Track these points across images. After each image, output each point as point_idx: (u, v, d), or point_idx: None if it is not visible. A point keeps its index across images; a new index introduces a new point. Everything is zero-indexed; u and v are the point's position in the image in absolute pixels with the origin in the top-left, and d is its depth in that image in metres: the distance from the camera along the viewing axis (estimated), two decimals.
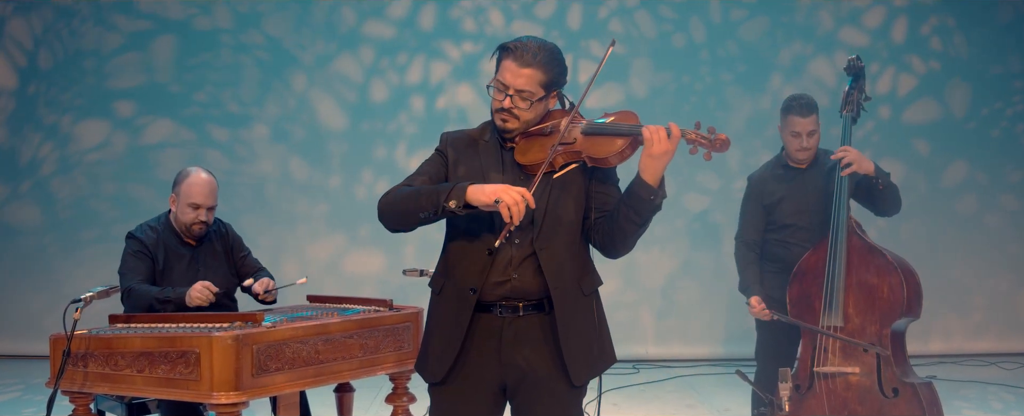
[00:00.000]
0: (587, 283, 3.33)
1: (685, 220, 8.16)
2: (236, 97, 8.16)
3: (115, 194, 8.17)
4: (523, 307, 3.24)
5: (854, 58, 4.98)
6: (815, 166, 5.01)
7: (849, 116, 4.88)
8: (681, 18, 8.16)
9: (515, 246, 3.22)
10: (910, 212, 6.12)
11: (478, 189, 3.12)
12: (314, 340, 4.17)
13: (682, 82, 8.10)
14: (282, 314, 4.47)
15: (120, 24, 8.14)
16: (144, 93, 8.14)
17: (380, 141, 8.15)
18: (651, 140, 3.08)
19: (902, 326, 4.64)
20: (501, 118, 3.26)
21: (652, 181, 3.13)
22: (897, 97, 8.23)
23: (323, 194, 8.16)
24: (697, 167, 8.07)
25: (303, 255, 7.96)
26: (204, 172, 4.88)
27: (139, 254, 4.73)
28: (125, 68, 8.15)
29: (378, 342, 4.43)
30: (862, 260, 4.64)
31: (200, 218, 4.80)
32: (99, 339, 4.06)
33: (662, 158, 3.10)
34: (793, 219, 4.99)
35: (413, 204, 3.18)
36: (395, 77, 8.19)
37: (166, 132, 8.15)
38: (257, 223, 7.49)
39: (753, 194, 5.10)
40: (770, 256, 5.06)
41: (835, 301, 4.61)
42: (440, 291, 3.32)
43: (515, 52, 3.21)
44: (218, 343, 3.86)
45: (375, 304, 4.71)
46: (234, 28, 8.15)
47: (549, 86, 3.25)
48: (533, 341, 3.25)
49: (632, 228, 3.20)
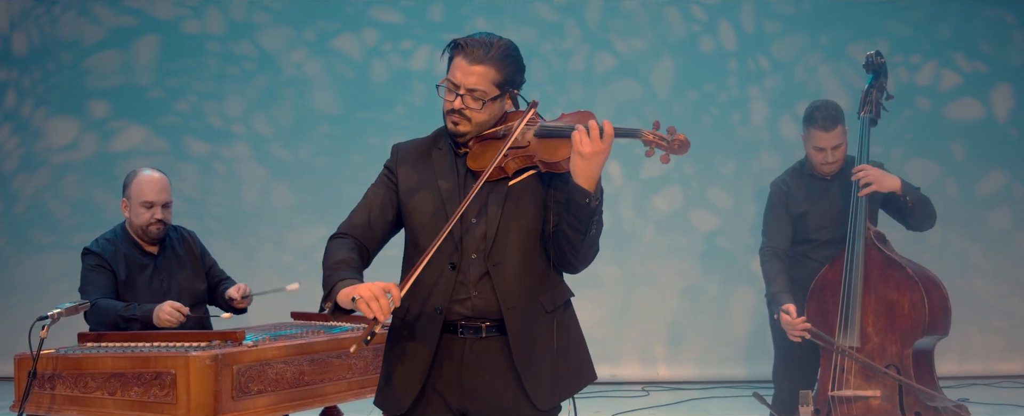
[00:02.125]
0: (549, 299, 3.29)
1: (697, 235, 8.15)
2: (219, 111, 8.14)
3: (78, 199, 8.15)
4: (485, 327, 3.23)
5: (873, 53, 4.91)
6: (841, 176, 4.98)
7: (867, 118, 4.84)
8: (711, 21, 8.13)
9: (472, 262, 3.21)
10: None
11: (344, 290, 3.09)
12: (299, 360, 4.17)
13: (705, 91, 8.09)
14: (264, 332, 4.46)
15: (102, 16, 8.12)
16: (120, 95, 8.13)
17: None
18: (579, 139, 3.06)
19: (927, 345, 4.61)
20: (452, 120, 3.24)
21: (585, 183, 3.09)
22: (938, 92, 8.17)
23: (308, 220, 8.10)
24: (708, 181, 8.06)
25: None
26: (154, 170, 4.91)
27: (98, 268, 4.73)
28: (103, 65, 8.13)
29: (367, 363, 4.43)
30: (881, 274, 4.62)
31: (156, 216, 4.80)
32: (68, 359, 4.06)
33: (592, 159, 3.06)
34: (816, 233, 4.98)
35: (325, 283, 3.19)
36: (391, 102, 8.19)
37: (139, 139, 8.14)
38: (229, 252, 7.30)
39: (778, 202, 5.06)
40: (790, 272, 5.01)
41: (851, 319, 4.59)
42: (405, 312, 3.29)
43: (465, 49, 3.20)
44: (195, 363, 3.85)
45: (364, 322, 4.68)
46: (225, 36, 8.14)
47: (503, 85, 3.23)
48: (495, 364, 3.24)
49: (577, 237, 3.17)
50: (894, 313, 4.57)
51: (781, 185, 5.10)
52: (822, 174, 5.00)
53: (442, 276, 3.21)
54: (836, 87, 7.89)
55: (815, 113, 4.91)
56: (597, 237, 3.21)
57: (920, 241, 7.72)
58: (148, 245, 4.87)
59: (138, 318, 4.55)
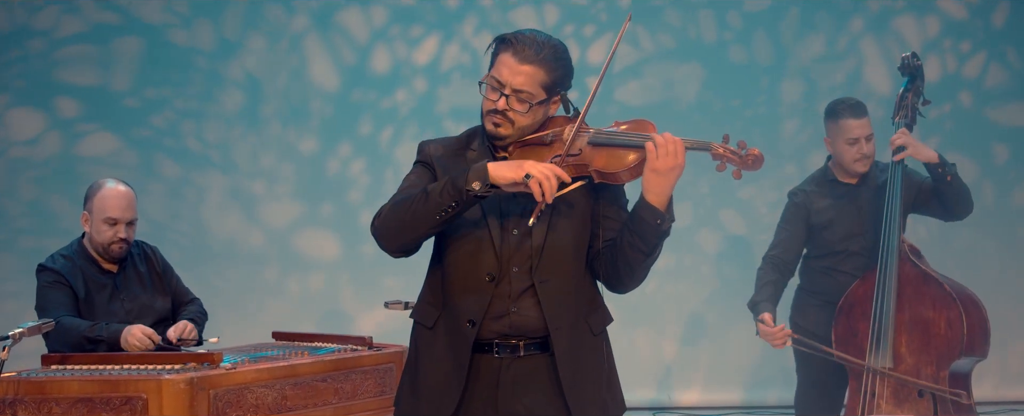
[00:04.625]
0: (596, 320, 3.29)
1: (712, 249, 8.14)
2: (198, 133, 8.09)
3: (33, 200, 8.08)
4: (524, 346, 3.20)
5: (909, 55, 4.93)
6: (866, 182, 5.00)
7: (903, 124, 4.85)
8: (746, 29, 8.09)
9: (514, 275, 3.18)
10: (963, 224, 6.04)
11: (500, 166, 3.07)
12: (281, 384, 4.17)
13: (730, 105, 8.06)
14: (243, 353, 4.46)
15: (83, 7, 8.06)
16: (93, 96, 8.07)
17: (359, 211, 8.01)
18: (655, 153, 3.05)
19: (965, 367, 4.61)
20: (493, 121, 3.22)
21: (658, 203, 3.09)
22: (983, 87, 8.14)
23: (280, 268, 8.03)
24: (721, 203, 8.02)
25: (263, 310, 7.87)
26: (120, 184, 4.87)
27: (57, 284, 4.70)
28: (77, 61, 8.06)
29: (356, 386, 4.43)
30: (916, 291, 4.62)
31: (119, 235, 4.76)
32: (30, 383, 4.04)
33: (669, 175, 3.07)
34: (844, 244, 4.97)
35: (423, 205, 3.11)
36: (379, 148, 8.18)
37: (107, 148, 8.08)
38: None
39: (798, 212, 5.06)
40: (816, 287, 5.05)
41: (884, 339, 4.60)
42: (433, 325, 3.26)
43: (514, 46, 3.18)
44: (169, 387, 3.85)
45: (352, 342, 4.70)
46: (214, 52, 8.09)
47: (551, 88, 3.21)
48: (536, 386, 3.22)
49: (638, 257, 3.16)
50: (929, 332, 4.57)
51: (800, 196, 5.10)
52: (855, 172, 5.00)
53: (479, 288, 3.18)
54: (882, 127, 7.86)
55: (839, 104, 4.96)
56: (655, 259, 3.20)
57: (951, 253, 7.72)
58: (107, 263, 4.84)
59: (105, 339, 4.53)
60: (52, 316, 4.58)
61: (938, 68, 6.14)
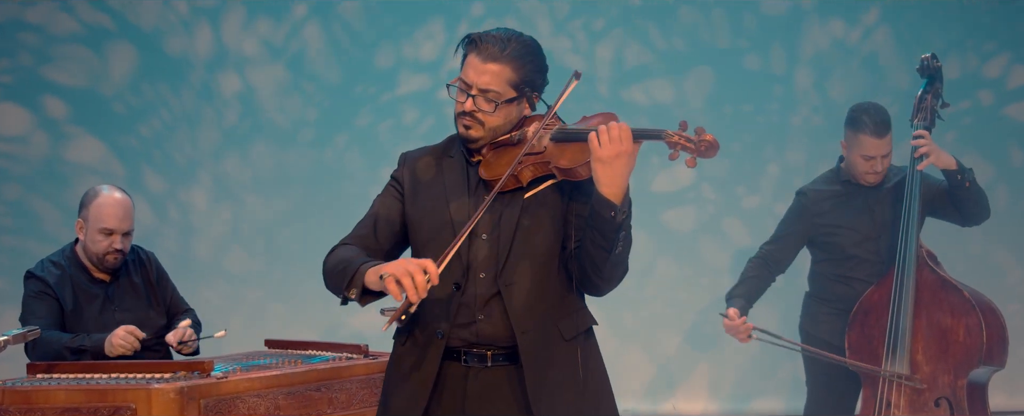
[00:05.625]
0: (568, 325, 3.26)
1: (716, 254, 8.13)
2: (183, 148, 8.06)
3: (15, 200, 8.05)
4: (491, 355, 3.20)
5: (929, 56, 4.92)
6: (882, 185, 4.98)
7: (921, 126, 4.84)
8: (764, 37, 8.06)
9: (479, 282, 3.18)
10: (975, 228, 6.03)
11: (372, 270, 3.08)
12: (274, 393, 4.16)
13: (742, 111, 8.03)
14: (235, 362, 4.45)
15: (78, 7, 8.04)
16: (82, 99, 8.05)
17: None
18: (597, 141, 3.02)
19: (982, 377, 4.62)
20: (463, 124, 3.22)
21: (610, 194, 3.06)
22: (1005, 88, 8.13)
23: (263, 293, 7.99)
24: (726, 211, 8.00)
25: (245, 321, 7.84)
26: (117, 191, 4.82)
27: (42, 296, 4.66)
28: (69, 61, 8.04)
29: (350, 396, 4.42)
30: (934, 297, 4.63)
31: (114, 246, 4.70)
32: (16, 392, 4.03)
33: (615, 163, 3.03)
34: (855, 249, 4.95)
35: (334, 283, 3.22)
36: None
37: (95, 155, 8.05)
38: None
39: (805, 213, 5.03)
40: (827, 294, 5.03)
41: (901, 346, 4.59)
42: (405, 340, 3.28)
43: (479, 45, 3.19)
44: (158, 397, 3.85)
45: (346, 350, 4.69)
46: (210, 64, 8.06)
47: (520, 86, 3.20)
48: (503, 397, 3.21)
49: (600, 255, 3.12)
50: (947, 340, 4.58)
51: (809, 195, 5.08)
52: (864, 182, 4.97)
53: (445, 297, 3.18)
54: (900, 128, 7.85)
55: (864, 116, 4.87)
56: (625, 255, 3.17)
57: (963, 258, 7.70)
58: (100, 272, 4.80)
59: (88, 349, 4.51)
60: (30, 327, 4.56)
61: (958, 66, 6.13)
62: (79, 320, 4.70)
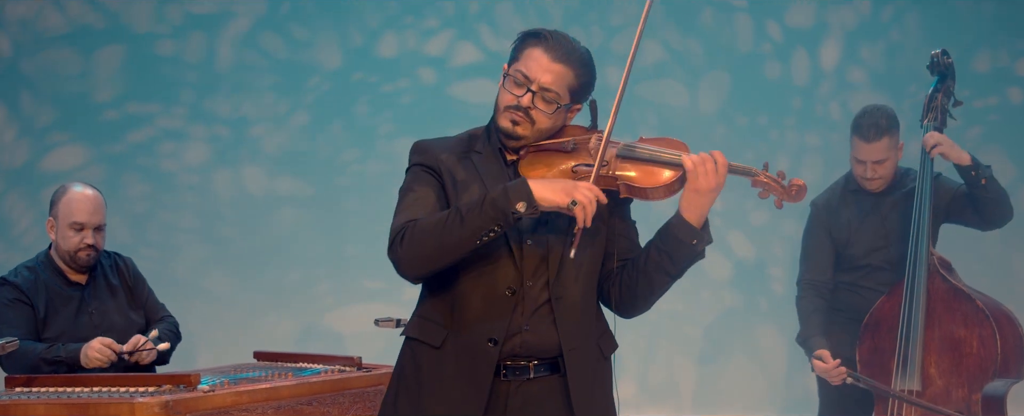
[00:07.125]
0: (607, 344, 3.27)
1: (719, 268, 8.11)
2: (173, 158, 8.03)
3: None
4: (534, 367, 3.16)
5: (939, 53, 4.91)
6: (891, 191, 4.98)
7: (932, 127, 4.84)
8: (786, 44, 8.03)
9: (527, 289, 3.13)
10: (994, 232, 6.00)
11: (543, 186, 3.02)
12: (263, 407, 4.14)
13: (757, 123, 8.01)
14: (222, 375, 4.42)
15: (66, 5, 8.02)
16: (67, 102, 8.04)
17: (349, 241, 7.96)
18: (696, 172, 3.05)
19: (999, 390, 4.61)
20: (513, 118, 3.16)
21: (696, 221, 3.10)
22: None
23: (247, 311, 7.98)
24: (731, 224, 7.98)
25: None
26: (87, 187, 4.85)
27: (16, 303, 4.67)
28: (55, 62, 8.03)
29: (344, 410, 4.40)
30: (947, 307, 4.62)
31: (86, 241, 4.73)
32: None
33: (709, 195, 3.08)
34: (867, 258, 4.96)
35: (460, 229, 3.02)
36: None
37: (76, 159, 8.03)
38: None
39: (820, 224, 5.05)
40: (837, 304, 5.03)
41: (912, 359, 4.58)
42: (440, 344, 3.17)
43: (548, 41, 3.14)
44: (143, 411, 3.82)
45: (339, 362, 4.68)
46: (203, 67, 8.03)
47: (575, 94, 3.19)
48: (546, 411, 3.18)
49: (663, 280, 3.15)
50: (961, 352, 4.57)
51: (822, 206, 5.10)
52: (868, 188, 4.99)
53: (500, 303, 3.12)
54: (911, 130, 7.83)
55: (861, 120, 4.91)
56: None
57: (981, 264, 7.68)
58: (75, 273, 4.81)
59: (64, 360, 4.51)
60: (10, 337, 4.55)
61: (989, 61, 6.14)
62: (55, 323, 4.72)
